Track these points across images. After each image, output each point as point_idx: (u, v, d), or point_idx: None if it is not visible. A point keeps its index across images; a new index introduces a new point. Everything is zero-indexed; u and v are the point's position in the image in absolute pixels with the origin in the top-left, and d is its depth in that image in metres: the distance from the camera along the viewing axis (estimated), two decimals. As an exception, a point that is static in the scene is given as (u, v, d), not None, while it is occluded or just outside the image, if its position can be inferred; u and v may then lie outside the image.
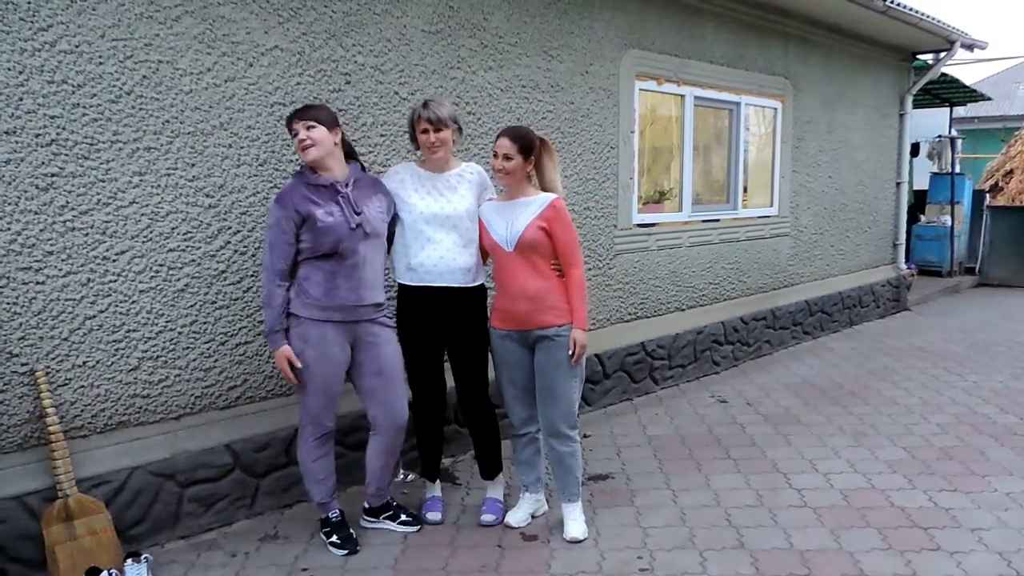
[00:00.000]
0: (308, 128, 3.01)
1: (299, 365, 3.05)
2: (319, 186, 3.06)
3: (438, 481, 3.63)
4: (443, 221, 3.26)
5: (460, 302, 3.32)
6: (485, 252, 3.39)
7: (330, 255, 3.04)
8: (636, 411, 5.17)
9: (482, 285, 3.40)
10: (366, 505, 3.44)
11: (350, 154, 3.25)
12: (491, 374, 3.47)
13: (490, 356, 3.42)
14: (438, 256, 3.26)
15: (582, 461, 3.46)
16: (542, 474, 3.53)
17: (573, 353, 3.21)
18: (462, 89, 4.29)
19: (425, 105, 3.23)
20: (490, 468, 3.56)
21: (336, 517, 3.28)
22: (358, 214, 3.07)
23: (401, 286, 3.35)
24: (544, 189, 3.31)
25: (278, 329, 3.06)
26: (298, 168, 3.18)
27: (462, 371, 3.42)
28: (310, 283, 3.05)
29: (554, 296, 3.22)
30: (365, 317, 3.14)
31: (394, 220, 3.30)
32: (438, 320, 3.32)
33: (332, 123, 3.09)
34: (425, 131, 3.23)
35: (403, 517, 3.43)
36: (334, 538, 3.24)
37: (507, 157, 3.19)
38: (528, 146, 3.22)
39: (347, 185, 3.10)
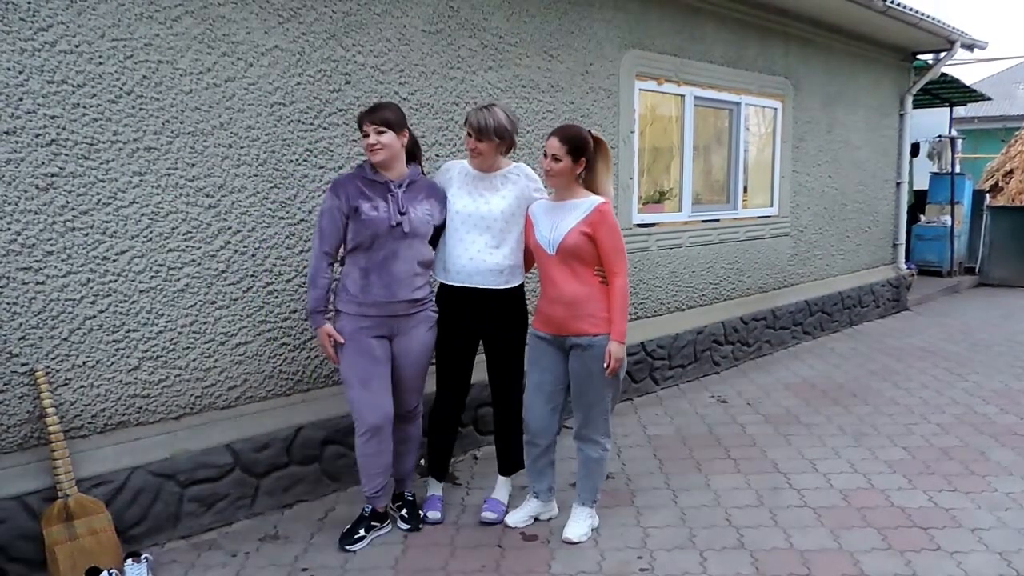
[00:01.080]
0: (379, 133, 3.08)
1: (341, 340, 3.14)
2: (374, 182, 3.15)
3: (441, 480, 3.64)
4: (476, 221, 3.27)
5: (492, 304, 3.33)
6: (529, 253, 3.35)
7: (367, 250, 3.13)
8: (636, 411, 5.17)
9: (519, 287, 3.39)
10: (392, 491, 3.51)
11: (412, 154, 3.30)
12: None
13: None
14: (468, 257, 3.28)
15: (607, 469, 3.45)
16: (553, 484, 3.50)
17: (607, 366, 3.12)
18: (462, 89, 4.29)
19: (479, 109, 3.25)
20: (510, 464, 3.58)
21: (365, 512, 3.33)
22: (402, 214, 3.14)
23: (440, 284, 3.39)
24: (592, 191, 3.21)
25: (321, 309, 3.17)
26: (360, 162, 3.26)
27: (497, 371, 3.45)
28: (348, 279, 3.17)
29: (593, 304, 3.14)
30: (400, 312, 3.20)
31: (442, 224, 3.33)
32: (470, 320, 3.34)
33: (401, 125, 3.16)
34: (469, 135, 3.25)
35: (403, 513, 3.45)
36: (345, 528, 3.31)
37: (555, 158, 3.13)
38: (578, 147, 3.14)
39: (400, 186, 3.18)
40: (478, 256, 3.27)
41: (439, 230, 3.32)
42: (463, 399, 3.53)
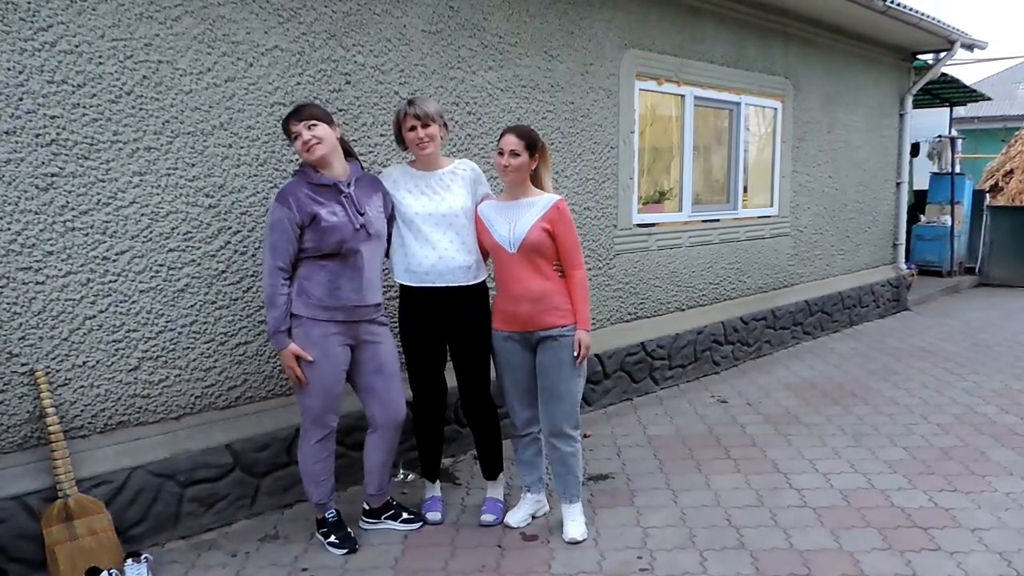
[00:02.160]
0: (310, 127, 2.99)
1: (309, 358, 3.04)
2: (322, 185, 3.05)
3: (438, 481, 3.63)
4: (439, 220, 3.25)
5: (462, 301, 3.31)
6: (485, 252, 3.38)
7: (333, 255, 3.04)
8: (636, 411, 5.17)
9: (483, 283, 3.39)
10: (366, 507, 3.43)
11: (348, 152, 3.24)
12: (491, 373, 3.47)
13: (491, 357, 3.42)
14: (436, 256, 3.25)
15: (583, 461, 3.46)
16: (543, 475, 3.53)
17: (578, 354, 3.21)
18: (462, 89, 4.29)
19: (410, 103, 3.22)
20: (492, 468, 3.56)
21: (332, 517, 3.27)
22: (361, 214, 3.08)
23: (402, 287, 3.33)
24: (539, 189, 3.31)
25: (283, 329, 3.04)
26: (298, 167, 3.17)
27: (464, 370, 3.42)
28: (312, 283, 3.04)
29: (557, 297, 3.22)
30: (366, 317, 3.15)
31: (391, 219, 3.29)
32: (440, 320, 3.31)
33: (330, 120, 3.08)
34: (413, 128, 3.20)
35: (404, 515, 3.43)
36: (332, 538, 3.24)
37: (514, 154, 3.17)
38: (533, 144, 3.22)
39: (349, 185, 3.10)
40: (446, 254, 3.25)
41: (388, 228, 3.27)
42: (443, 398, 3.49)
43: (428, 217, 3.25)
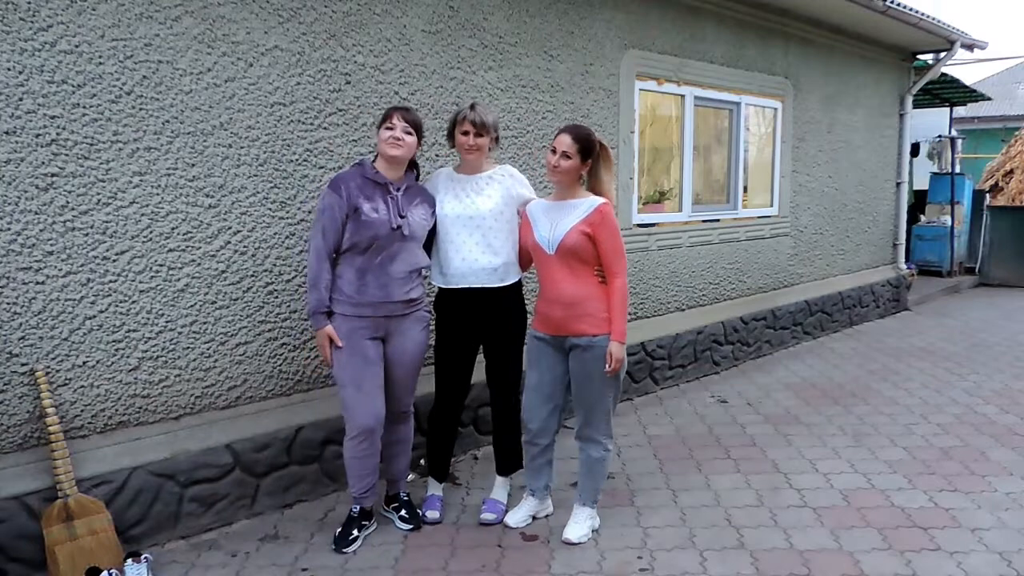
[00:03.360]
0: (407, 132, 3.12)
1: (340, 343, 3.12)
2: (374, 182, 3.15)
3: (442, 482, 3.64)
4: (465, 222, 3.29)
5: (489, 302, 3.34)
6: (527, 252, 3.35)
7: (363, 251, 3.12)
8: (636, 411, 5.17)
9: (515, 285, 3.40)
10: (387, 492, 3.53)
11: (412, 163, 3.33)
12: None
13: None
14: (460, 258, 3.29)
15: (608, 469, 3.45)
16: (550, 483, 3.51)
17: (609, 366, 3.12)
18: (462, 89, 4.29)
19: (472, 107, 3.27)
20: (509, 464, 3.58)
21: (355, 512, 3.32)
22: (402, 217, 3.16)
23: (439, 289, 3.42)
24: (595, 194, 3.22)
25: (323, 310, 3.13)
26: (360, 158, 3.28)
27: (495, 369, 3.46)
28: (343, 280, 3.15)
29: (592, 304, 3.14)
30: (396, 312, 3.21)
31: (435, 227, 3.35)
32: (471, 321, 3.36)
33: (421, 135, 3.22)
34: (466, 133, 3.26)
35: (403, 513, 3.45)
36: (338, 531, 3.29)
37: (566, 155, 3.12)
38: (588, 148, 3.14)
39: (399, 189, 3.19)
40: (470, 256, 3.29)
41: (430, 235, 3.35)
42: (463, 401, 3.54)
43: (456, 219, 3.29)
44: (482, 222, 3.29)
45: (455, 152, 3.44)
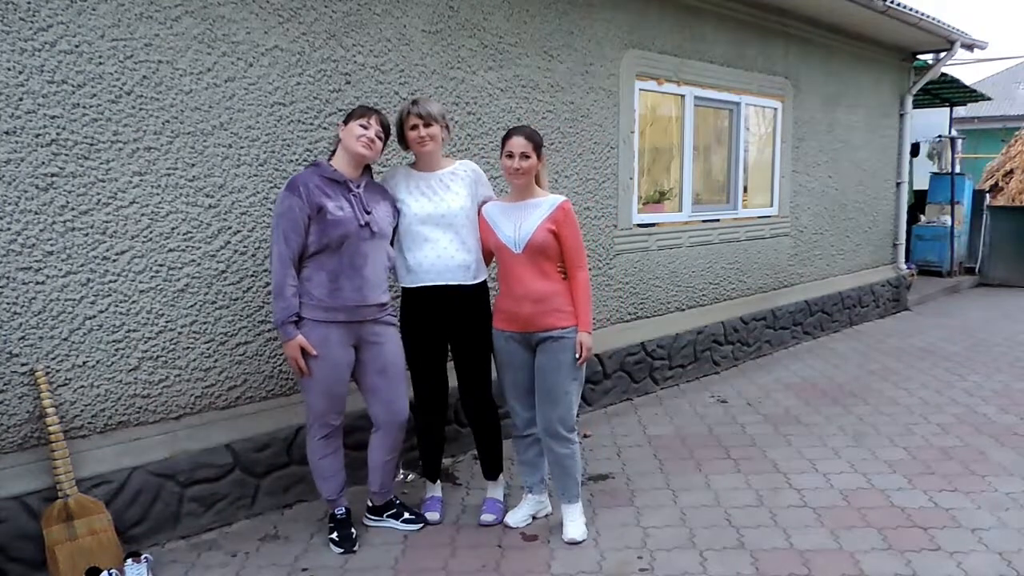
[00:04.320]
0: (379, 136, 3.14)
1: (313, 352, 3.03)
2: (333, 180, 3.10)
3: (438, 481, 3.63)
4: (438, 220, 3.27)
5: (461, 300, 3.33)
6: (489, 253, 3.39)
7: (334, 252, 3.04)
8: (636, 411, 5.17)
9: (484, 283, 3.40)
10: (369, 504, 3.46)
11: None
12: (493, 373, 3.47)
13: (492, 357, 3.42)
14: (435, 255, 3.27)
15: (581, 462, 3.46)
16: (545, 475, 3.53)
17: (580, 355, 3.20)
18: (462, 89, 4.29)
19: (414, 102, 3.26)
20: (491, 468, 3.57)
21: (341, 514, 3.29)
22: (368, 213, 3.11)
23: (404, 289, 3.36)
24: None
25: (292, 320, 3.02)
26: (314, 159, 3.25)
27: (465, 370, 3.43)
28: (312, 284, 3.05)
29: (559, 298, 3.22)
30: (369, 317, 3.15)
31: (396, 225, 3.32)
32: (440, 320, 3.33)
33: (387, 139, 3.22)
34: (415, 127, 3.24)
35: (406, 515, 3.43)
36: (334, 535, 3.26)
37: (525, 156, 3.19)
38: (540, 144, 3.25)
39: (359, 186, 3.15)
40: (445, 253, 3.27)
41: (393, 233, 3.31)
42: (444, 399, 3.50)
43: (428, 218, 3.26)
44: (454, 219, 3.28)
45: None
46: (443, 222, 3.27)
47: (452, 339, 3.41)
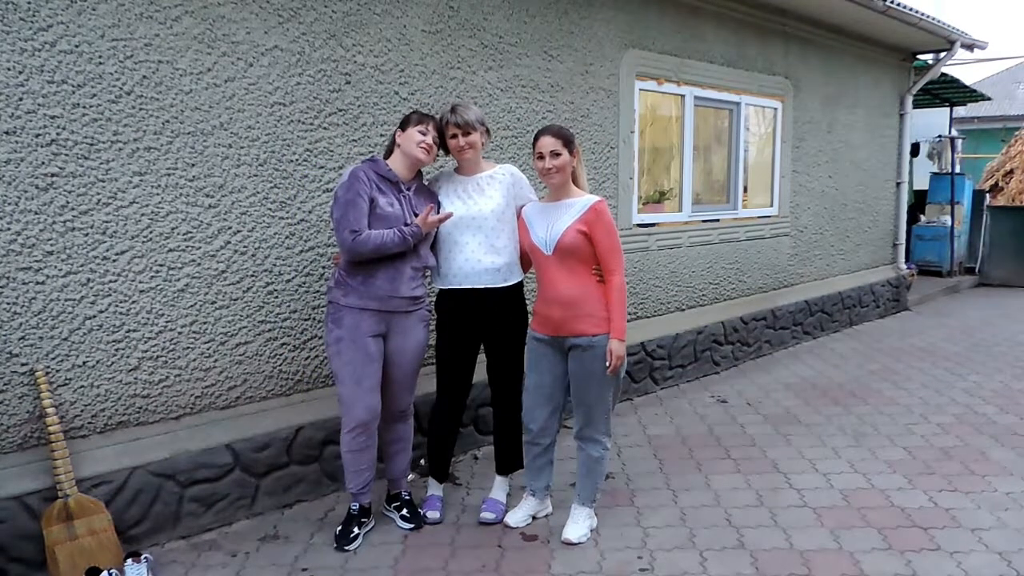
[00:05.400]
0: (435, 142, 3.23)
1: (448, 214, 3.21)
2: (387, 179, 3.19)
3: (443, 481, 3.64)
4: (468, 223, 3.30)
5: (491, 303, 3.35)
6: (526, 255, 3.37)
7: None
8: (636, 411, 5.17)
9: (517, 285, 3.41)
10: (388, 492, 3.55)
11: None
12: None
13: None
14: (463, 259, 3.31)
15: (607, 469, 3.45)
16: (550, 483, 3.52)
17: (610, 364, 3.12)
18: (462, 89, 4.29)
19: (453, 110, 3.28)
20: (509, 463, 3.59)
21: (354, 510, 3.32)
22: (415, 215, 3.20)
23: (440, 291, 3.43)
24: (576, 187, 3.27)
25: (410, 230, 3.12)
26: (370, 155, 3.34)
27: (496, 370, 3.47)
28: (349, 275, 3.17)
29: (591, 303, 3.14)
30: (399, 309, 3.23)
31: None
32: (473, 320, 3.37)
33: (440, 147, 3.30)
34: (454, 136, 3.28)
35: (404, 512, 3.45)
36: (338, 530, 3.30)
37: (555, 154, 3.14)
38: (570, 139, 3.19)
39: (410, 188, 3.25)
40: (473, 257, 3.30)
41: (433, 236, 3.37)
42: (463, 401, 3.54)
43: (459, 220, 3.31)
44: (484, 222, 3.30)
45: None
46: (473, 224, 3.30)
47: (485, 339, 3.44)
